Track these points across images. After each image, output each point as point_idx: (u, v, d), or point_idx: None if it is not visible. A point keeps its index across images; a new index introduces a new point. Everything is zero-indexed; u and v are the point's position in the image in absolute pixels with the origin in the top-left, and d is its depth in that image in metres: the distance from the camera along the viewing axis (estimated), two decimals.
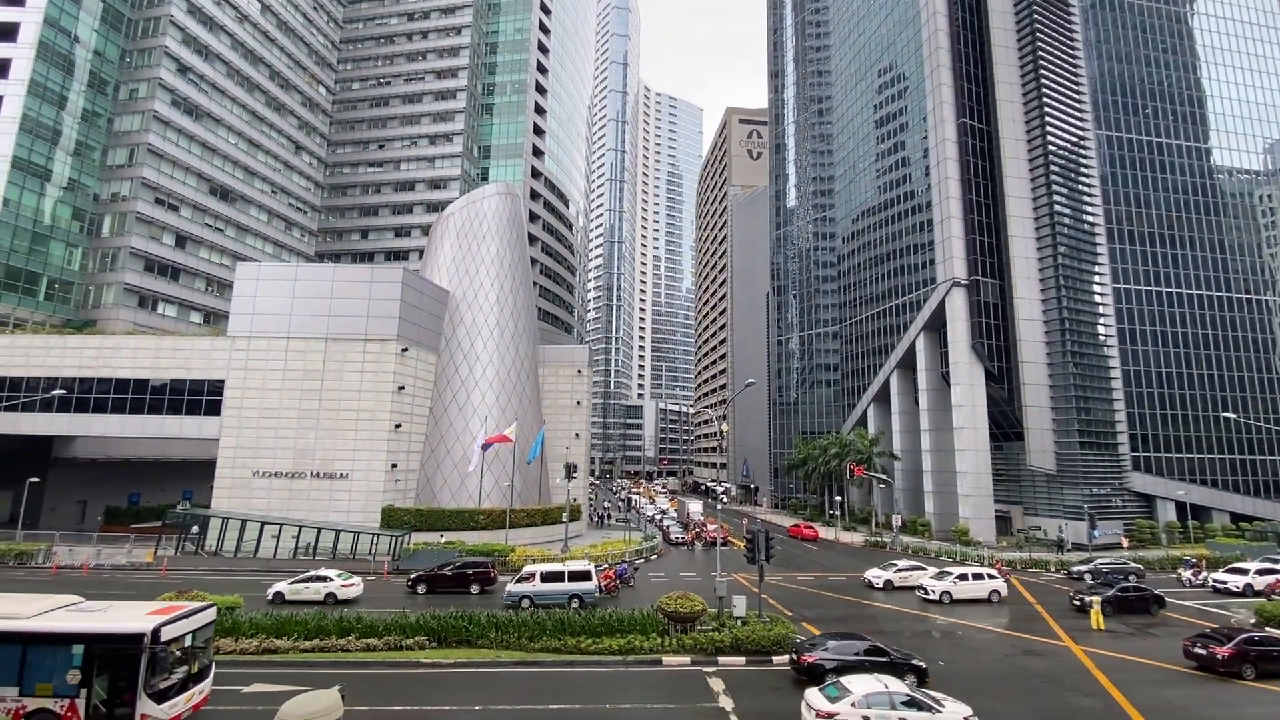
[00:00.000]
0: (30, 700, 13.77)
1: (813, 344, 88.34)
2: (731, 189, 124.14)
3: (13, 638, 14.08)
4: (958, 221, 61.97)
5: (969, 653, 23.73)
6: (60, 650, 14.06)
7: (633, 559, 42.94)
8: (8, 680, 13.81)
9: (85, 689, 13.80)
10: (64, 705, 13.73)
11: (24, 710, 13.77)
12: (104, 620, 14.67)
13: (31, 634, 14.19)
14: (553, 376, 62.46)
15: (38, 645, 14.12)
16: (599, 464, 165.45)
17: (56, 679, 13.89)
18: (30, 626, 14.28)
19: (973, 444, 57.94)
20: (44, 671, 13.94)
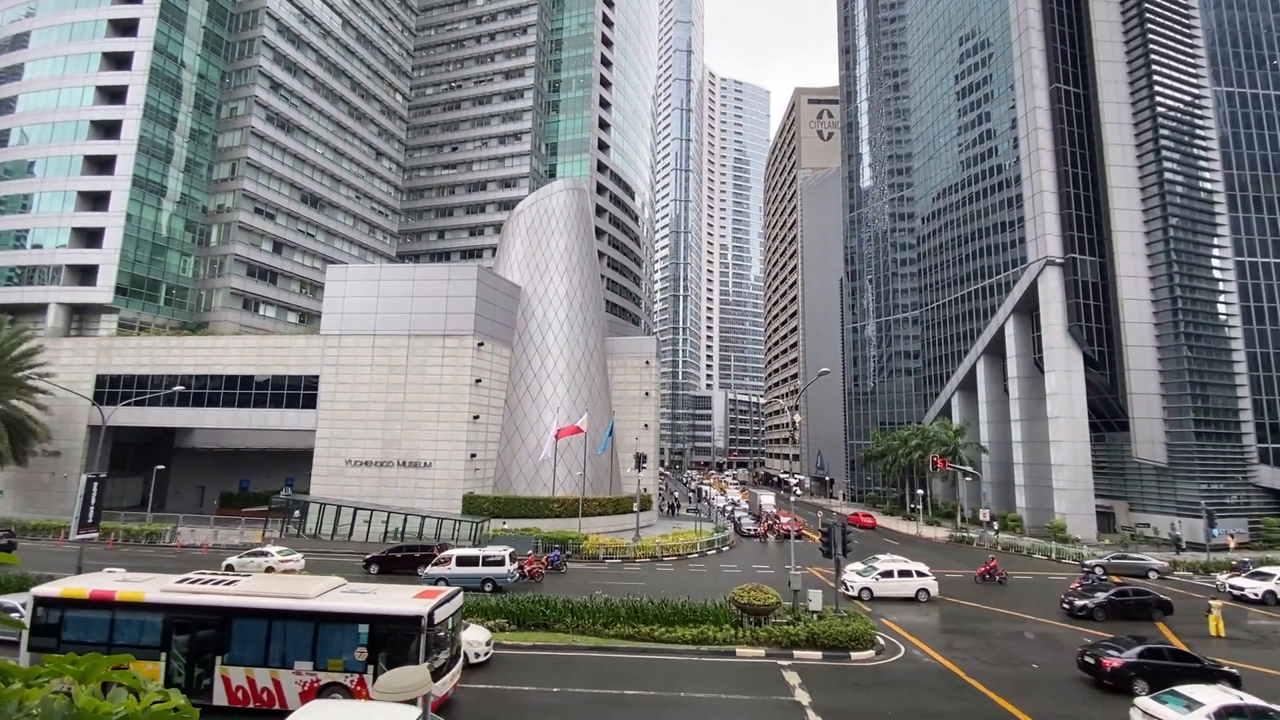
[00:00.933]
0: (324, 674, 14.99)
1: (891, 330, 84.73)
2: (801, 172, 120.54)
3: (306, 616, 15.33)
4: (1051, 195, 57.58)
5: None
6: (347, 629, 15.25)
7: (703, 549, 42.90)
8: (303, 655, 15.10)
9: (371, 665, 14.92)
10: (353, 680, 14.91)
11: (318, 683, 14.97)
12: (383, 602, 15.72)
13: (321, 613, 15.33)
14: (621, 368, 63.04)
15: (328, 624, 15.29)
16: (668, 455, 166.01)
17: (346, 655, 15.09)
18: (316, 606, 15.43)
19: (1070, 434, 53.98)
20: (334, 648, 15.15)
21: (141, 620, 15.67)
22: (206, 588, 16.07)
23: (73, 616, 15.90)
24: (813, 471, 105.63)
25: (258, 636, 15.32)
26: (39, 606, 15.90)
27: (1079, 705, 17.87)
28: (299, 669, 15.03)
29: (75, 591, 16.00)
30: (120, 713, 1.77)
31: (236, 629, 15.41)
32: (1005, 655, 22.17)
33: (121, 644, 15.51)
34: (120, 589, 15.98)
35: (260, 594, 15.90)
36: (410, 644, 14.88)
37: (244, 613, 15.51)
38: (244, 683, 15.12)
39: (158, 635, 15.49)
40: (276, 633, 15.32)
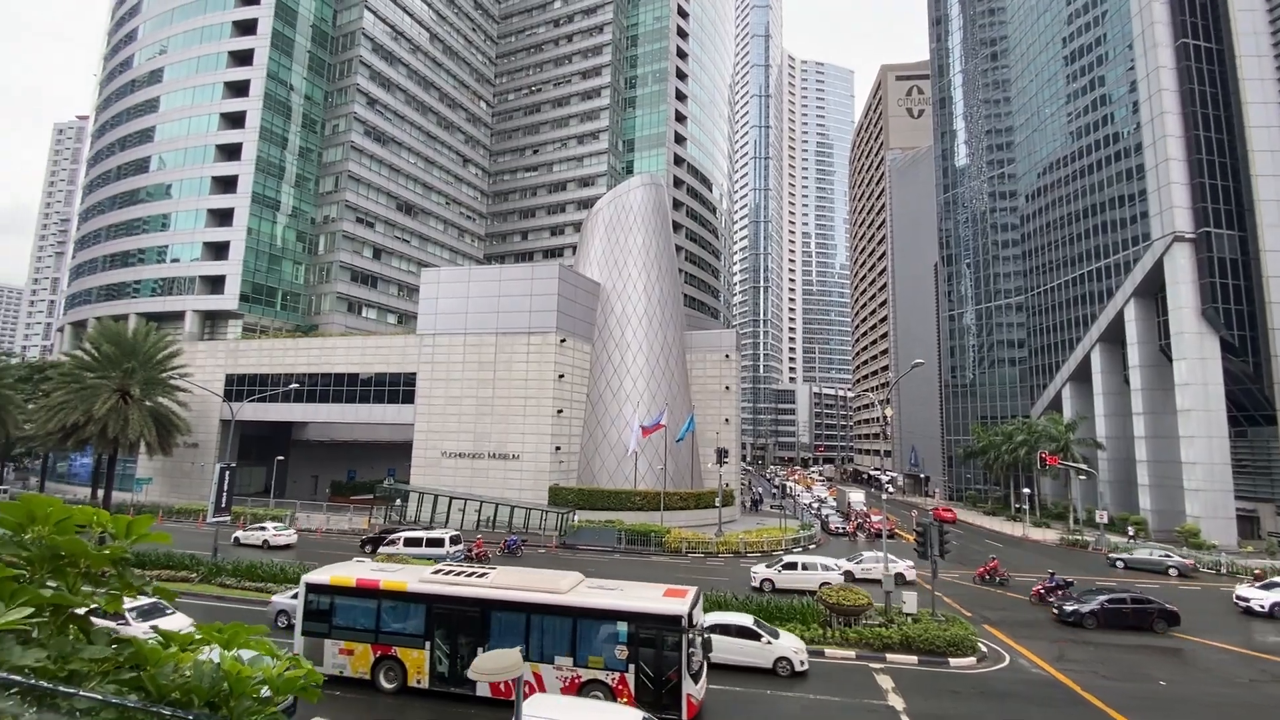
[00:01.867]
0: (584, 671, 14.84)
1: (992, 318, 79.27)
2: (889, 153, 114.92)
3: (562, 610, 15.22)
4: (1178, 164, 51.77)
5: None
6: (605, 626, 15.02)
7: (788, 546, 42.03)
8: (562, 650, 15.09)
9: (632, 665, 14.60)
10: (614, 678, 14.65)
11: (579, 679, 14.84)
12: (638, 600, 15.32)
13: (578, 608, 15.17)
14: (700, 362, 62.72)
15: (586, 619, 15.13)
16: (750, 450, 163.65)
17: (606, 653, 14.86)
18: (572, 601, 15.32)
19: (1204, 429, 48.49)
20: (593, 645, 14.99)
21: (405, 609, 16.25)
22: (463, 580, 16.38)
23: (341, 603, 16.56)
24: (906, 469, 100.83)
25: (516, 630, 15.38)
26: (310, 593, 16.73)
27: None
28: (559, 664, 15.01)
29: (342, 579, 16.76)
30: (259, 676, 1.95)
31: (495, 621, 15.63)
32: (1127, 670, 20.27)
33: (388, 631, 16.17)
34: (384, 578, 16.61)
35: (515, 587, 15.91)
36: (670, 643, 14.54)
37: (501, 605, 15.65)
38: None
39: (421, 624, 16.01)
40: (535, 626, 15.35)
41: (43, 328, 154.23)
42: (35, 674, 1.65)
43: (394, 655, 16.01)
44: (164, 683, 1.80)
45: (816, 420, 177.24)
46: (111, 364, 44.87)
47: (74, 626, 2.03)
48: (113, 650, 1.97)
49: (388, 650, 16.06)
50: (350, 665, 16.18)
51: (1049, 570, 32.21)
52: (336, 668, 16.14)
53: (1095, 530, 49.47)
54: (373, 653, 16.10)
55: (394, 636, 16.12)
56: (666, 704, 14.19)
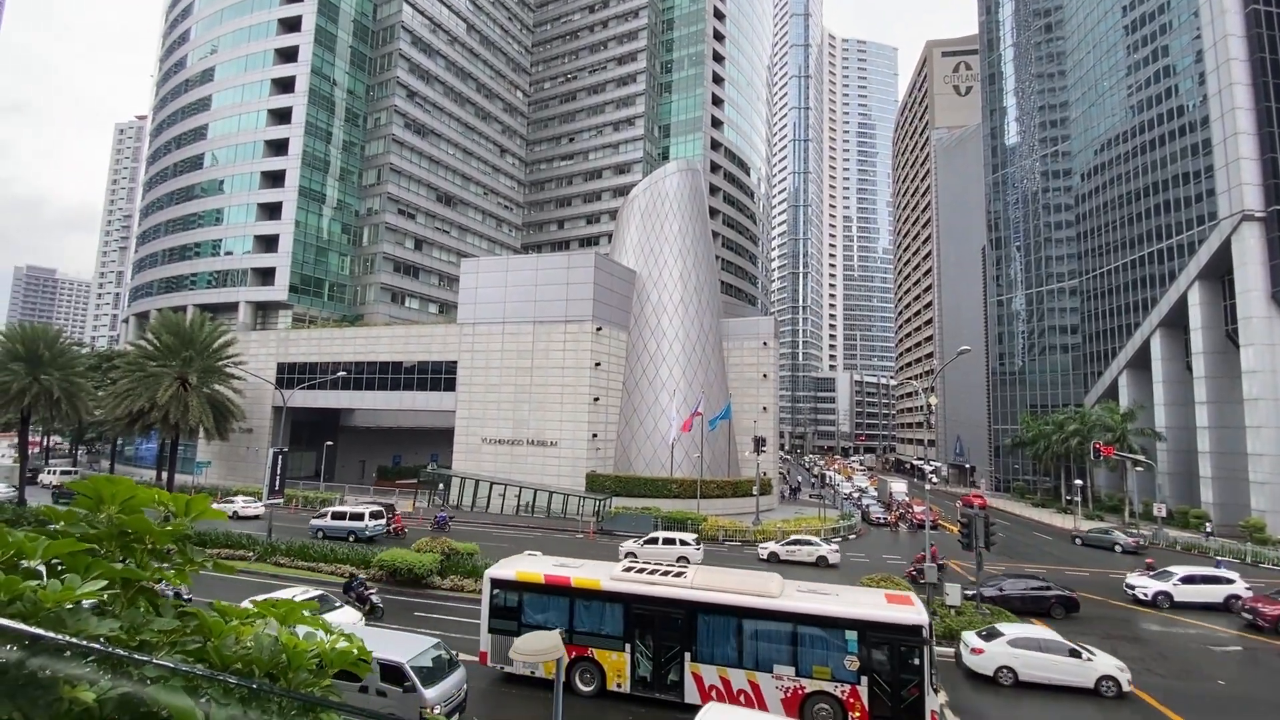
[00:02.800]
0: (808, 681, 13.75)
1: (1043, 303, 76.21)
2: (935, 132, 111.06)
3: (780, 616, 14.13)
4: (1248, 138, 48.57)
5: None
6: (831, 634, 13.87)
7: (827, 536, 41.56)
8: (782, 659, 13.98)
9: (864, 676, 13.49)
10: (844, 691, 13.54)
11: (803, 690, 13.74)
12: (869, 607, 14.20)
13: (799, 614, 14.06)
14: (737, 350, 62.22)
15: (808, 626, 14.00)
16: (788, 439, 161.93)
17: (833, 663, 13.71)
18: (793, 606, 14.19)
19: (1273, 419, 45.84)
20: (818, 655, 13.85)
21: (601, 609, 15.50)
22: (663, 579, 15.47)
23: (530, 600, 16.03)
24: (950, 459, 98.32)
25: (727, 634, 14.47)
26: (494, 588, 16.25)
27: None
28: (779, 674, 13.94)
29: (529, 575, 16.19)
30: (314, 650, 2.04)
31: (702, 625, 14.63)
32: (1181, 668, 19.46)
33: (583, 631, 15.48)
34: (574, 575, 15.95)
35: (720, 589, 14.94)
36: (910, 654, 13.40)
37: (710, 608, 14.64)
38: (717, 682, 14.26)
39: (619, 625, 15.20)
40: (748, 632, 14.33)
41: (109, 319, 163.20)
42: (109, 643, 1.76)
43: (590, 657, 15.30)
44: (227, 653, 1.90)
45: (857, 409, 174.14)
46: (171, 353, 47.16)
47: (143, 599, 2.15)
48: (179, 623, 2.08)
49: (583, 651, 15.34)
50: (543, 666, 14.65)
51: (929, 546, 31.02)
52: (528, 668, 15.31)
53: (1152, 524, 47.35)
54: (567, 654, 14.79)
55: (590, 637, 15.38)
56: (905, 719, 13.35)
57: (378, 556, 25.23)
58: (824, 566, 32.34)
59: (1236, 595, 26.09)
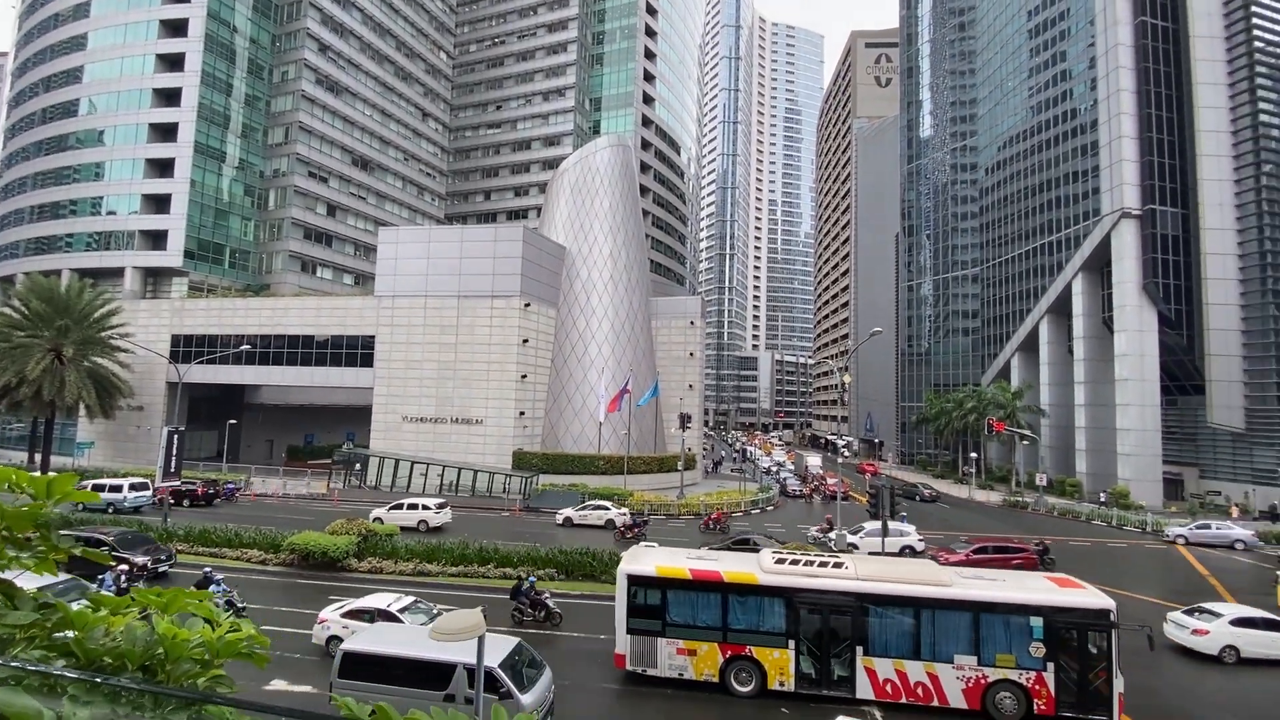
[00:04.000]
0: (991, 670, 13.50)
1: (948, 289, 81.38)
2: (856, 121, 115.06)
3: (958, 605, 13.85)
4: (1130, 142, 53.35)
5: None
6: (1012, 620, 13.66)
7: (747, 508, 43.21)
8: (962, 648, 13.68)
9: (1050, 663, 13.31)
10: (1029, 678, 13.32)
11: (985, 679, 13.48)
12: (1049, 593, 14.09)
13: (979, 603, 13.82)
14: (665, 328, 62.91)
15: (989, 615, 13.74)
16: (712, 416, 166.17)
17: (1017, 650, 13.48)
18: (965, 595, 13.93)
19: (1139, 398, 51.31)
20: (1000, 642, 13.58)
21: (759, 604, 14.66)
22: (823, 570, 14.92)
23: (675, 598, 14.97)
24: (861, 434, 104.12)
25: (901, 626, 14.10)
26: (632, 585, 15.11)
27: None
28: (960, 663, 13.64)
29: (671, 570, 15.17)
30: (197, 639, 1.89)
31: (874, 617, 14.18)
32: None
33: (738, 629, 14.61)
34: (724, 569, 15.08)
35: (888, 578, 14.59)
36: (1097, 639, 13.30)
37: (882, 600, 14.23)
38: (892, 675, 13.86)
39: (780, 621, 14.46)
40: (924, 622, 13.93)
41: None
42: None
43: (748, 655, 14.47)
44: (93, 647, 1.72)
45: (778, 387, 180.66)
46: (43, 322, 42.40)
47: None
48: (39, 615, 1.87)
49: (740, 650, 14.51)
50: (693, 667, 14.59)
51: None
52: (675, 670, 14.64)
53: (1035, 492, 52.29)
54: (721, 653, 14.50)
55: (747, 635, 14.54)
56: (1093, 705, 13.16)
57: (289, 540, 24.00)
58: (610, 529, 33.29)
59: (910, 546, 29.44)
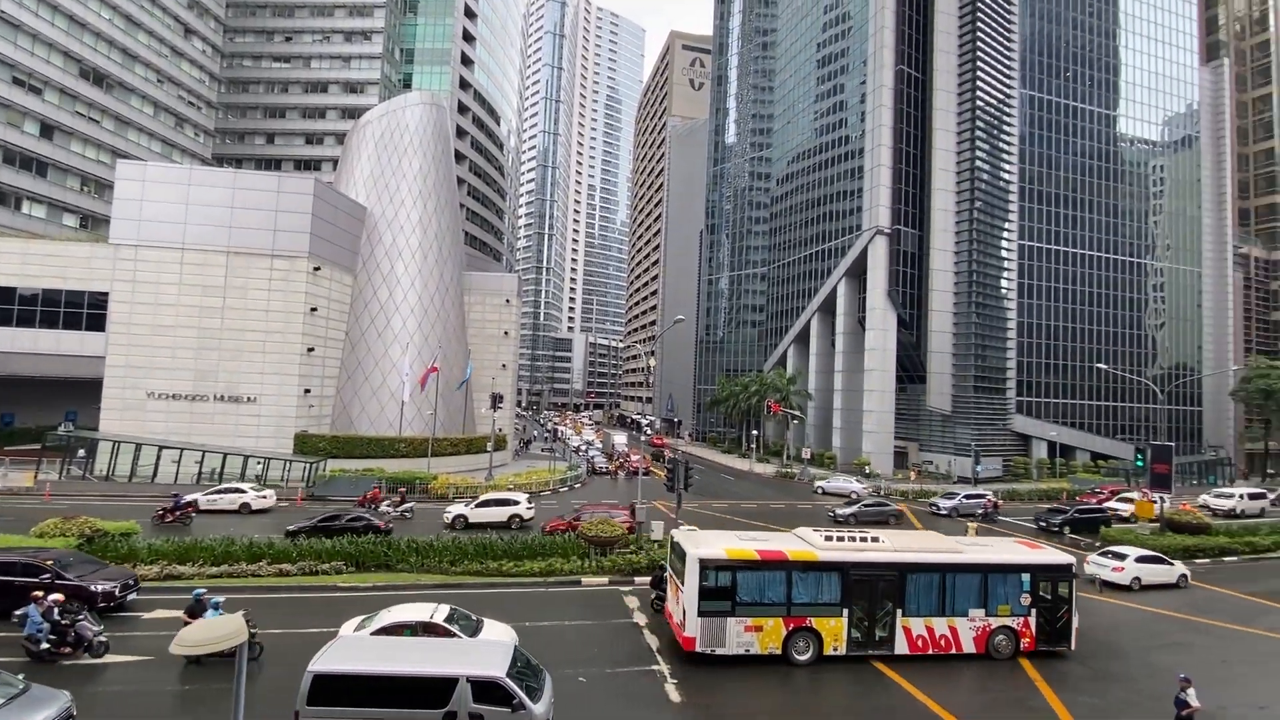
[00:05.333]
0: (994, 619, 16.75)
1: (741, 284, 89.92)
2: (672, 119, 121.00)
3: (974, 569, 16.97)
4: (887, 170, 63.49)
5: None
6: (1010, 578, 17.02)
7: (556, 486, 43.89)
8: (975, 603, 16.71)
9: (1033, 609, 16.91)
10: (1019, 623, 16.87)
11: (989, 628, 16.69)
12: (1029, 554, 17.77)
13: (990, 565, 17.14)
14: (479, 305, 60.75)
15: (995, 575, 16.97)
16: (526, 395, 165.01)
17: (1011, 601, 16.88)
18: (980, 559, 17.26)
19: (880, 385, 61.85)
20: (1001, 596, 16.85)
21: (817, 578, 16.21)
22: (868, 545, 17.09)
23: (744, 577, 15.96)
24: (663, 414, 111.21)
25: (930, 589, 16.59)
26: (704, 569, 15.72)
27: None
28: (972, 616, 16.67)
29: (740, 552, 16.21)
30: None
31: (911, 583, 16.48)
32: None
33: (801, 602, 16.03)
34: (788, 548, 16.51)
35: (922, 549, 17.37)
36: (1062, 588, 17.14)
37: (918, 568, 16.64)
38: (923, 632, 16.46)
39: (836, 592, 16.15)
40: (948, 585, 16.64)
41: None
42: None
43: (808, 626, 15.99)
44: None
45: (590, 368, 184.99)
46: None
47: None
48: None
49: (801, 622, 15.96)
50: (759, 642, 15.77)
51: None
52: (742, 646, 15.65)
53: (801, 464, 60.71)
54: (785, 626, 15.91)
55: (808, 607, 16.06)
56: (1060, 638, 17.00)
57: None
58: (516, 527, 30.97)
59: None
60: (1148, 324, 70.79)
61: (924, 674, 15.60)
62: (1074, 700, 14.56)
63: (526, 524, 31.21)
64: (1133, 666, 16.84)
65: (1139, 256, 70.62)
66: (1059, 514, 35.27)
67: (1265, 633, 19.97)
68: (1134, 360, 68.93)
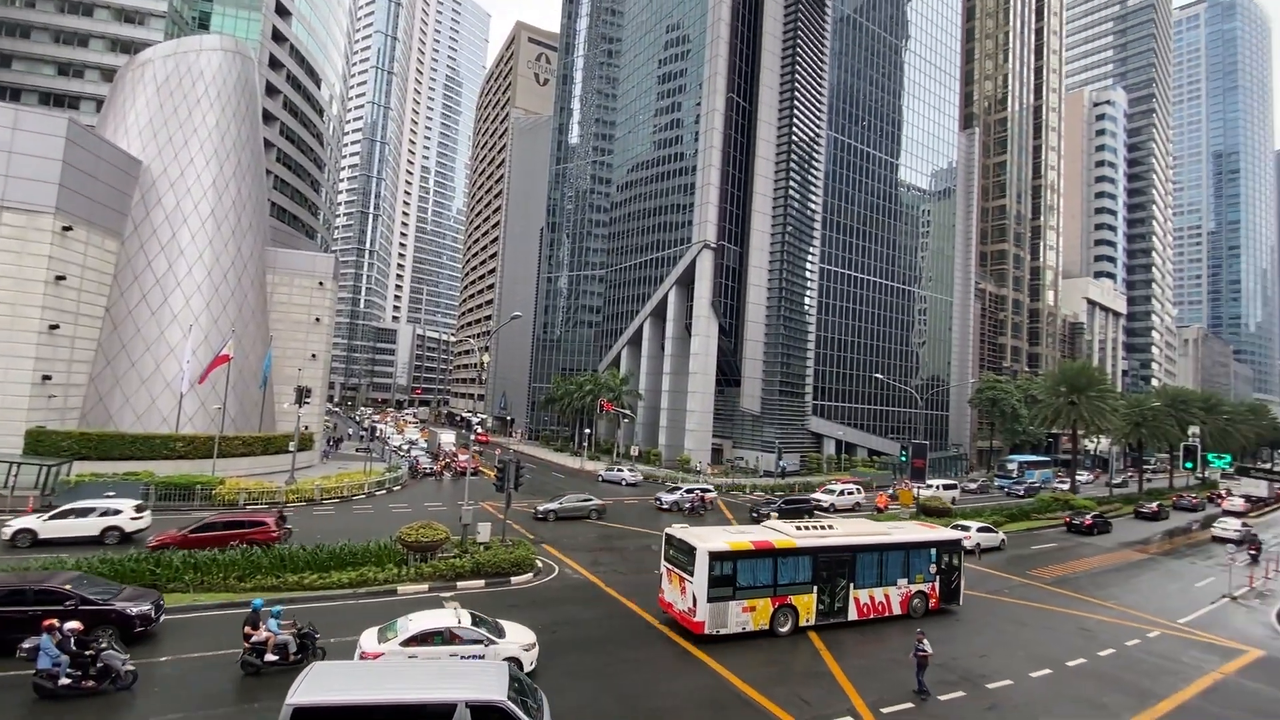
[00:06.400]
0: (913, 586, 21.28)
1: (580, 285, 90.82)
2: (515, 111, 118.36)
3: (900, 547, 21.38)
4: (715, 189, 68.35)
5: None
6: (924, 553, 21.72)
7: (371, 490, 40.76)
8: (900, 574, 21.10)
9: (938, 576, 21.72)
10: (930, 588, 21.57)
11: (910, 593, 21.12)
12: (935, 533, 23.16)
13: (911, 543, 21.69)
14: (286, 286, 54.27)
15: (915, 551, 21.59)
16: (340, 390, 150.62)
17: (924, 571, 21.57)
18: (907, 538, 21.89)
19: (703, 387, 66.43)
20: (917, 567, 21.49)
21: (797, 562, 19.41)
22: (829, 533, 21.13)
23: (743, 565, 18.56)
24: (496, 411, 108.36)
25: (872, 565, 20.62)
26: (713, 560, 17.97)
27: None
28: (899, 584, 21.05)
29: (739, 544, 18.89)
30: None
31: (860, 562, 20.40)
32: (637, 564, 26.81)
33: (784, 583, 19.09)
34: (774, 539, 19.60)
35: (868, 534, 21.93)
36: (956, 558, 22.40)
37: (865, 549, 20.69)
38: (867, 600, 20.41)
39: (809, 573, 19.53)
40: (885, 561, 20.89)
41: None
42: None
43: (789, 603, 19.07)
44: None
45: (417, 363, 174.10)
46: None
47: None
48: None
49: (784, 600, 19.00)
50: (752, 620, 18.44)
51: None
52: (739, 625, 18.22)
53: (629, 461, 63.00)
54: (772, 605, 18.78)
55: (789, 587, 19.17)
56: (953, 597, 22.25)
57: None
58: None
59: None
60: (913, 342, 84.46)
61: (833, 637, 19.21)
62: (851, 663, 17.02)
63: (132, 538, 25.44)
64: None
65: (909, 285, 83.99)
66: (770, 504, 39.87)
67: (986, 596, 24.99)
68: (902, 371, 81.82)
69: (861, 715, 14.36)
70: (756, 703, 14.72)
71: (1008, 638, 20.36)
